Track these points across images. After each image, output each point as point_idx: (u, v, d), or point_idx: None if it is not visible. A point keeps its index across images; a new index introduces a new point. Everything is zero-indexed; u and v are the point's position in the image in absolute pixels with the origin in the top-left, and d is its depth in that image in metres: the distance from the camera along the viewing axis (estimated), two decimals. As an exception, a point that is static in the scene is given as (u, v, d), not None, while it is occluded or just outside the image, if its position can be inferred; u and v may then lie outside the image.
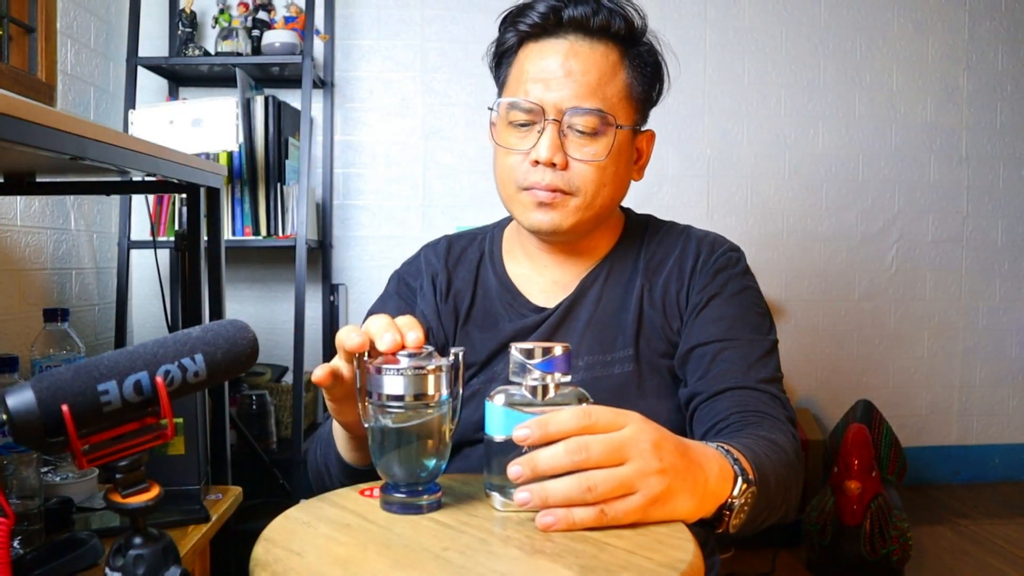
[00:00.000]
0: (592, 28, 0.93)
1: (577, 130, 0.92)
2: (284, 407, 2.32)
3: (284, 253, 2.53)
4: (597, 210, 0.95)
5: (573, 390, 0.69)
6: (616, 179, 0.95)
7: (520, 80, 0.94)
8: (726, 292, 0.95)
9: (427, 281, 1.05)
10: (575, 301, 0.99)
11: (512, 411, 0.67)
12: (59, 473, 1.23)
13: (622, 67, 0.94)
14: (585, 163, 0.92)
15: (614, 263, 1.01)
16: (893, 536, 2.06)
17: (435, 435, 0.68)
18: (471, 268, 1.06)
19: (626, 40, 0.95)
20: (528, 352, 0.67)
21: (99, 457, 0.49)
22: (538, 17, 0.93)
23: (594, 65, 0.92)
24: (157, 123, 1.83)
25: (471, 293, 1.04)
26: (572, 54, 0.92)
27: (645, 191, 2.74)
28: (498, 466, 0.68)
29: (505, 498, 0.68)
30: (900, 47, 2.87)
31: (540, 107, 0.92)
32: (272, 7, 2.43)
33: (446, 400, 0.68)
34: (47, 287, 2.01)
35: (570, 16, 0.92)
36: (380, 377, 0.66)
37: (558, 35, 0.93)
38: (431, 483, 0.69)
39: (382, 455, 0.68)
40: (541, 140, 0.91)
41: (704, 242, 1.00)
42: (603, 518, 0.62)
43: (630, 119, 0.96)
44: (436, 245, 1.10)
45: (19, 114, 0.79)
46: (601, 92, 0.92)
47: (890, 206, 2.90)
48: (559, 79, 0.91)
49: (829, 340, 2.88)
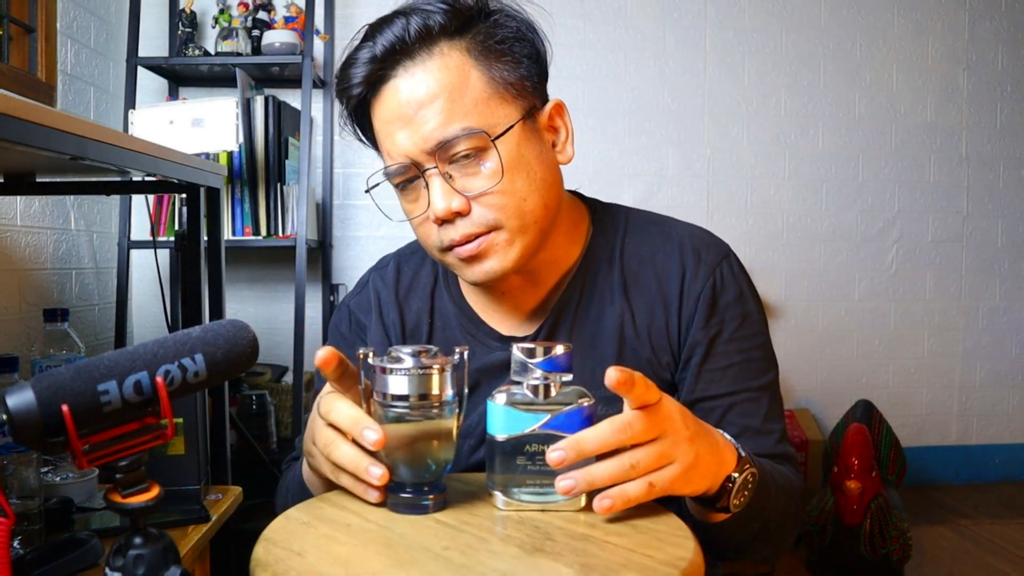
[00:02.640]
0: (411, 45, 0.78)
1: (458, 162, 0.79)
2: (284, 407, 2.32)
3: (284, 253, 2.53)
4: (535, 227, 0.82)
5: (575, 389, 0.69)
6: (535, 182, 0.81)
7: (382, 143, 0.83)
8: (726, 330, 0.85)
9: (375, 318, 0.95)
10: (549, 336, 0.88)
11: (514, 410, 0.67)
12: (59, 473, 1.23)
13: (471, 64, 0.79)
14: (487, 193, 0.79)
15: (585, 282, 0.89)
16: (893, 536, 2.06)
17: (440, 435, 0.67)
18: (425, 296, 0.95)
19: (461, 28, 0.80)
20: (529, 351, 0.67)
21: (99, 457, 0.49)
22: (359, 73, 0.80)
23: (437, 83, 0.78)
24: (157, 123, 1.83)
25: (428, 325, 0.94)
26: (409, 88, 0.79)
27: (645, 191, 2.75)
28: (500, 465, 0.68)
29: (508, 497, 0.68)
30: (900, 47, 2.87)
31: (409, 161, 0.80)
32: (272, 7, 2.43)
33: (451, 400, 0.68)
34: (47, 287, 2.01)
35: (383, 49, 0.79)
36: (385, 377, 0.66)
37: (388, 76, 0.80)
38: (437, 483, 0.69)
39: (387, 455, 0.67)
40: (430, 195, 0.80)
41: (687, 249, 0.88)
42: (652, 491, 0.63)
43: (514, 111, 0.81)
44: (384, 271, 0.99)
45: (19, 114, 0.79)
46: (460, 108, 0.78)
47: (890, 206, 2.90)
48: (412, 119, 0.78)
49: (829, 340, 2.88)
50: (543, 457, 0.66)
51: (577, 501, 0.68)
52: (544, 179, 0.82)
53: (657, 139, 2.76)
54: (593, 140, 2.72)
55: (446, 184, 0.79)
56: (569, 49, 2.69)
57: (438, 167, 0.79)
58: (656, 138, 2.75)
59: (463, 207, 0.79)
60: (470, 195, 0.79)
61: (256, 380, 2.32)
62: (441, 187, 0.79)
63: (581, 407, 0.67)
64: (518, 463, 0.67)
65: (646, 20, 2.73)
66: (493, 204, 0.80)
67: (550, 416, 0.67)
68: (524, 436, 0.67)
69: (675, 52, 2.73)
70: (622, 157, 2.74)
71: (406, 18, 0.79)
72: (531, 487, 0.68)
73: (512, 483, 0.67)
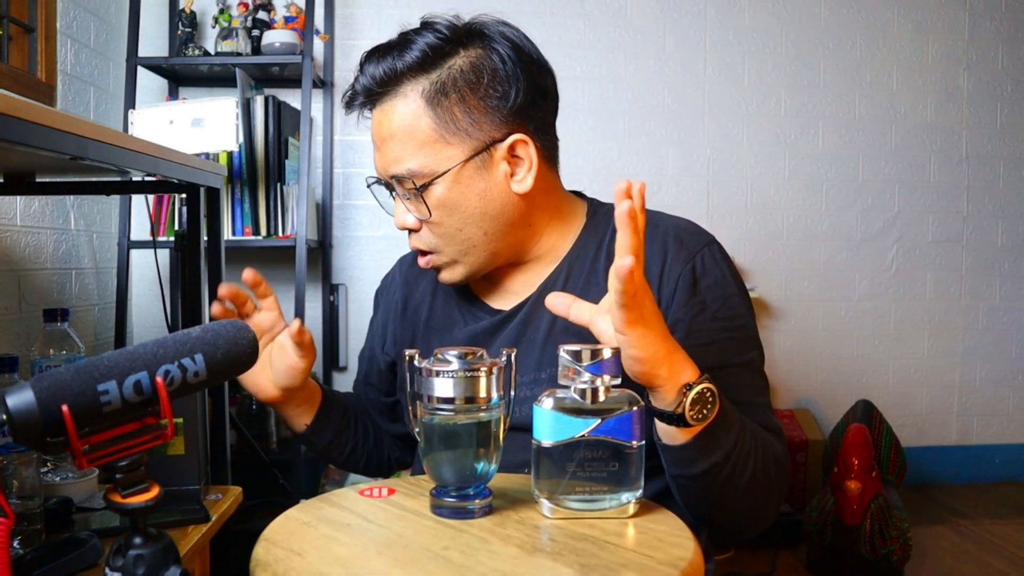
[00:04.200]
0: (381, 87, 0.90)
1: (407, 190, 0.91)
2: (284, 407, 2.31)
3: (284, 253, 2.53)
4: (475, 251, 0.93)
5: (623, 393, 0.68)
6: (471, 216, 0.91)
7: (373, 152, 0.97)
8: (708, 309, 0.89)
9: (385, 299, 1.13)
10: (533, 309, 0.95)
11: (562, 415, 0.66)
12: (59, 473, 1.23)
13: (423, 108, 0.88)
14: (427, 222, 0.92)
15: (572, 264, 0.96)
16: (893, 536, 2.06)
17: (485, 437, 0.66)
18: (431, 278, 1.06)
19: (430, 66, 0.89)
20: (576, 354, 0.66)
21: (99, 457, 0.49)
22: (356, 100, 0.94)
23: (396, 124, 0.90)
24: (157, 123, 1.83)
25: (429, 301, 1.06)
26: (378, 121, 0.92)
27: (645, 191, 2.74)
28: (548, 472, 0.66)
29: (555, 505, 0.67)
30: (900, 47, 2.87)
31: (383, 178, 0.95)
32: (272, 7, 2.43)
33: (497, 403, 0.67)
34: (47, 287, 2.01)
35: (363, 86, 0.92)
36: (431, 379, 0.65)
37: (373, 103, 0.93)
38: (481, 486, 0.68)
39: (432, 458, 0.67)
40: (396, 208, 0.95)
41: (670, 236, 0.93)
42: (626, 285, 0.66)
43: (459, 153, 0.89)
44: (406, 257, 1.14)
45: (19, 114, 0.79)
46: (409, 149, 0.89)
47: (890, 206, 2.90)
48: (380, 148, 0.92)
49: (829, 340, 2.88)
50: (593, 463, 0.65)
51: (627, 508, 0.67)
52: (484, 212, 0.91)
53: (657, 139, 2.75)
54: (593, 140, 2.72)
55: (402, 204, 0.94)
56: (569, 49, 2.69)
57: (398, 190, 0.93)
58: (656, 138, 2.75)
59: (415, 224, 0.94)
60: (416, 219, 0.93)
61: (256, 380, 2.32)
62: (399, 206, 0.95)
63: (631, 411, 0.66)
64: (566, 469, 0.66)
65: (646, 20, 2.73)
66: (433, 232, 0.93)
67: (600, 421, 0.65)
68: (574, 442, 0.66)
69: (675, 52, 2.73)
70: (622, 157, 2.74)
71: (380, 58, 0.91)
72: (580, 494, 0.66)
73: (560, 490, 0.66)
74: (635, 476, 0.67)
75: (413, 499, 0.72)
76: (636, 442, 0.67)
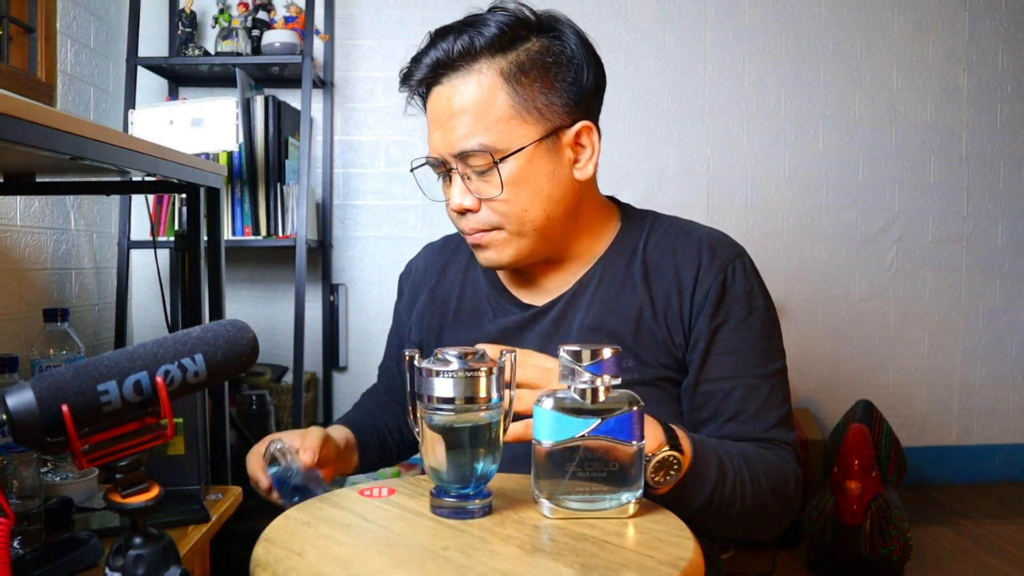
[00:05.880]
0: (456, 61, 0.89)
1: (475, 168, 0.90)
2: (284, 407, 2.32)
3: (284, 253, 2.53)
4: (534, 233, 0.93)
5: (623, 393, 0.67)
6: (539, 196, 0.91)
7: (428, 135, 0.95)
8: (733, 320, 0.92)
9: (410, 285, 1.13)
10: (567, 307, 0.97)
11: (562, 415, 0.66)
12: (59, 473, 1.23)
13: (501, 85, 0.89)
14: (493, 200, 0.91)
15: (607, 266, 0.98)
16: (893, 536, 2.06)
17: (485, 438, 0.66)
18: (462, 267, 1.07)
19: (506, 46, 0.90)
20: (576, 354, 0.66)
21: (99, 457, 0.49)
22: (418, 74, 0.92)
23: (468, 98, 0.89)
24: (157, 123, 1.83)
25: (458, 292, 1.06)
26: (447, 96, 0.90)
27: (645, 191, 2.75)
28: (548, 472, 0.66)
29: (555, 505, 0.67)
30: (900, 47, 2.87)
31: (440, 158, 0.92)
32: (272, 7, 2.43)
33: (497, 403, 0.67)
34: (47, 287, 2.01)
35: (433, 60, 0.91)
36: (431, 380, 0.65)
37: (440, 80, 0.91)
38: (481, 486, 0.68)
39: (431, 458, 0.67)
40: (452, 189, 0.93)
41: (704, 245, 0.95)
42: None
43: (533, 132, 0.90)
44: (433, 244, 1.15)
45: (19, 114, 0.79)
46: (482, 124, 0.88)
47: (890, 206, 2.90)
48: (445, 125, 0.91)
49: (829, 340, 2.88)
50: (593, 463, 0.65)
51: (627, 508, 0.67)
52: (551, 194, 0.92)
53: (657, 139, 2.75)
54: (593, 140, 2.72)
55: (463, 184, 0.92)
56: (569, 49, 2.69)
57: (459, 169, 0.91)
58: (656, 138, 2.75)
59: (474, 205, 0.92)
60: (480, 197, 0.92)
61: (256, 380, 2.32)
62: (459, 186, 0.93)
63: (631, 412, 0.66)
64: (566, 469, 0.66)
65: (646, 20, 2.73)
66: (497, 209, 0.91)
67: (600, 421, 0.65)
68: (574, 442, 0.66)
69: (675, 52, 2.73)
70: (622, 157, 2.73)
71: (457, 34, 0.89)
72: (580, 494, 0.66)
73: (560, 490, 0.66)
74: (635, 476, 0.67)
75: (413, 499, 0.72)
76: (636, 442, 0.67)
